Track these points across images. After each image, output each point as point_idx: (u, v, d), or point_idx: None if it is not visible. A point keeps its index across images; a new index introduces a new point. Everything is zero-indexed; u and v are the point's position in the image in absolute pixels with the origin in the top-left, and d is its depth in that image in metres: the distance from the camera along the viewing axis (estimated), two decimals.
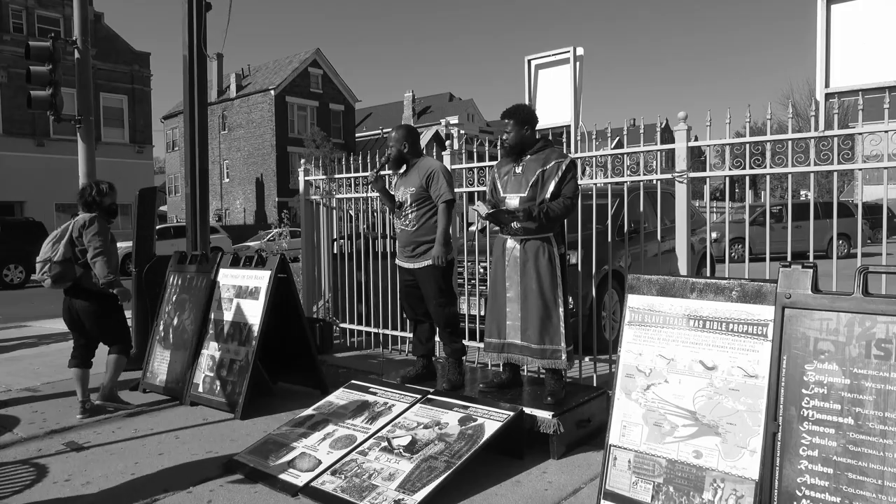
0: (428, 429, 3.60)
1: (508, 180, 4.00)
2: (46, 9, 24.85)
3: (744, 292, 2.80)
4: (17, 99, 21.09)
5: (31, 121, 23.68)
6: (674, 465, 2.77)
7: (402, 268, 4.46)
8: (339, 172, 6.87)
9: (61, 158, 22.12)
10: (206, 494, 3.27)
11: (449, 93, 58.39)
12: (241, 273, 5.03)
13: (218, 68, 43.21)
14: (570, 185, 3.86)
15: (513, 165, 4.01)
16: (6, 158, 22.09)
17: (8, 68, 23.31)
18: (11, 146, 23.57)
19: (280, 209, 35.38)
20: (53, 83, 9.56)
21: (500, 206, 3.96)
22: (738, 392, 2.72)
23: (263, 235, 25.90)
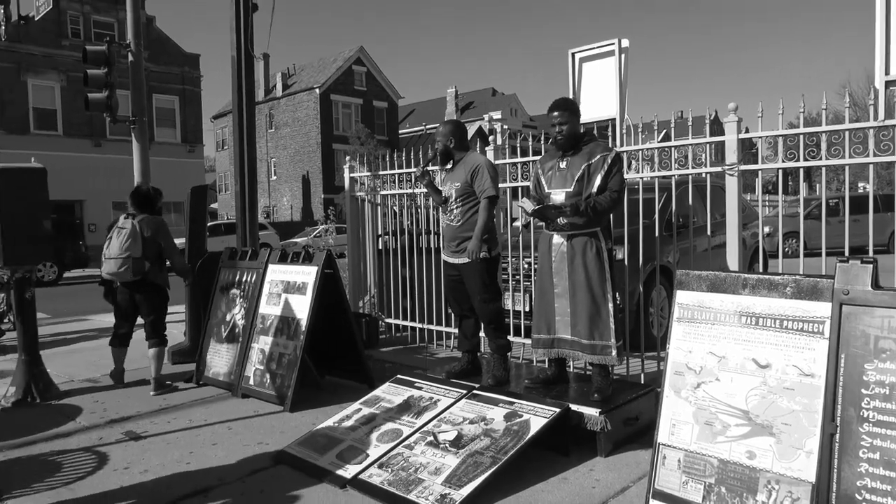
0: (473, 424, 3.61)
1: (552, 176, 3.97)
2: (102, 14, 25.74)
3: (799, 288, 2.72)
4: (76, 102, 21.91)
5: (88, 122, 24.59)
6: (726, 465, 2.72)
7: (448, 263, 4.48)
8: (383, 169, 6.93)
9: (117, 158, 22.90)
10: (258, 485, 3.36)
11: (492, 88, 58.19)
12: (288, 269, 5.13)
13: (264, 68, 44.04)
14: (616, 179, 3.82)
15: (556, 160, 3.98)
16: (66, 159, 22.97)
17: (67, 72, 24.24)
18: (71, 147, 24.53)
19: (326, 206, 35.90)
20: (109, 86, 9.91)
21: (545, 202, 3.93)
22: (793, 391, 2.64)
23: (310, 232, 26.31)
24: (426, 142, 15.25)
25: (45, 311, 9.80)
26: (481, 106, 53.79)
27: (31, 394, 5.02)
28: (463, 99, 55.54)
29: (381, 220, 7.10)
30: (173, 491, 3.30)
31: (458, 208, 4.33)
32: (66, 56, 23.92)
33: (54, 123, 24.77)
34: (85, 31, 25.13)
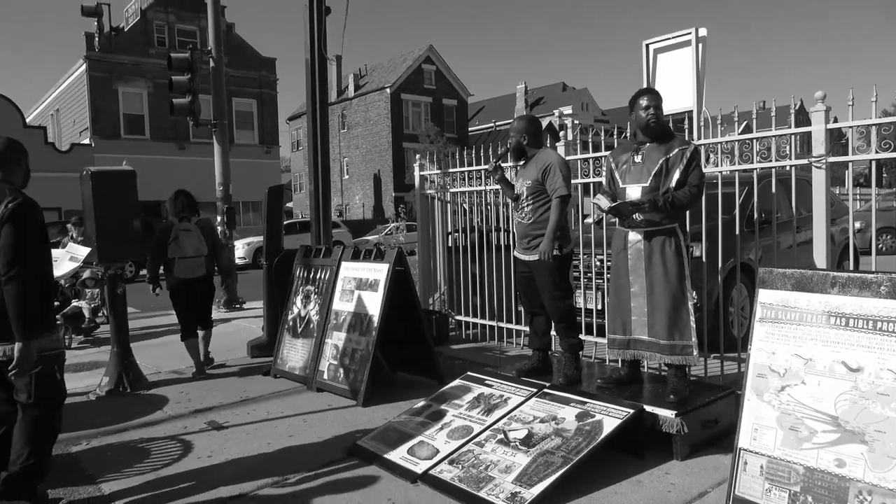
0: (544, 423, 3.58)
1: (627, 170, 3.85)
2: (185, 23, 26.98)
3: (894, 287, 2.55)
4: (162, 107, 23.02)
5: (173, 126, 25.83)
6: (812, 473, 2.58)
7: (519, 260, 4.45)
8: (452, 167, 6.96)
9: (200, 160, 23.96)
10: (331, 477, 3.44)
11: (562, 83, 57.39)
12: (361, 266, 5.23)
13: (337, 70, 45.01)
14: (696, 173, 3.69)
15: (630, 154, 3.86)
16: (153, 162, 24.22)
17: (154, 79, 25.56)
18: (157, 150, 25.86)
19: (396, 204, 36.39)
20: (192, 91, 10.39)
21: (619, 198, 3.83)
22: (887, 397, 2.48)
23: (381, 229, 26.73)
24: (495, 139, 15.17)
25: (135, 305, 10.35)
26: (551, 101, 53.12)
27: (123, 384, 5.32)
28: (533, 95, 55.02)
29: (450, 218, 7.13)
30: (254, 479, 3.42)
31: (529, 206, 4.29)
32: (153, 64, 25.22)
33: (142, 128, 26.18)
34: (169, 39, 26.40)
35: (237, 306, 10.44)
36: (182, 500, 3.21)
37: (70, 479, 3.51)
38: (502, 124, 49.50)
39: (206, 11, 11.12)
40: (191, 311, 5.81)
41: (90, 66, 24.87)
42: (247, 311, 10.01)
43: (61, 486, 3.40)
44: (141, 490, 3.34)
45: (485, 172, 6.49)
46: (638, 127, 3.82)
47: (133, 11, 27.22)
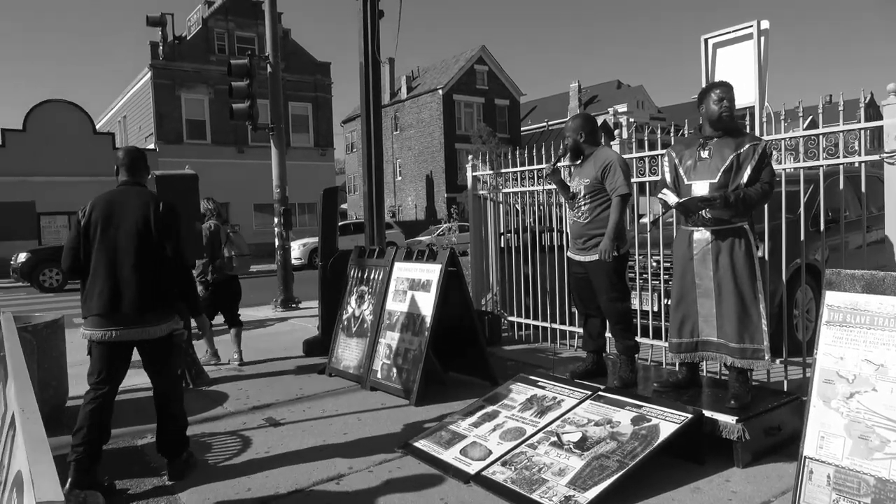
0: (599, 426, 3.53)
1: (693, 166, 3.70)
2: (244, 30, 27.77)
3: None
4: (222, 112, 23.80)
5: (233, 131, 26.63)
6: (884, 484, 2.46)
7: (574, 260, 4.40)
8: (505, 167, 6.93)
9: (258, 164, 24.64)
10: (385, 475, 3.48)
11: (617, 80, 56.50)
12: (414, 266, 5.26)
13: (390, 72, 45.53)
14: (768, 170, 3.55)
15: (696, 149, 3.71)
16: (214, 165, 25.04)
17: (214, 85, 26.40)
18: (218, 154, 26.71)
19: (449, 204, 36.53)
20: (250, 96, 10.69)
21: (684, 194, 3.72)
22: None
23: (434, 230, 26.88)
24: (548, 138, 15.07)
25: None
26: (606, 99, 52.35)
27: (186, 380, 5.51)
28: (586, 93, 54.35)
29: (503, 218, 7.10)
30: (310, 475, 3.49)
31: (586, 205, 4.23)
32: (214, 70, 26.05)
33: (204, 133, 27.07)
34: (229, 46, 27.22)
35: (293, 306, 10.68)
36: (241, 495, 3.30)
37: (136, 470, 3.66)
38: (555, 124, 49.07)
39: (264, 18, 11.41)
40: (224, 309, 6.33)
41: (155, 74, 25.88)
42: (303, 311, 10.23)
43: (128, 477, 3.55)
44: (202, 483, 3.45)
45: (537, 173, 6.45)
46: (709, 119, 3.69)
47: (195, 20, 28.19)
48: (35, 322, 4.66)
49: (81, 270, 3.44)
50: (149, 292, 3.39)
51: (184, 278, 3.61)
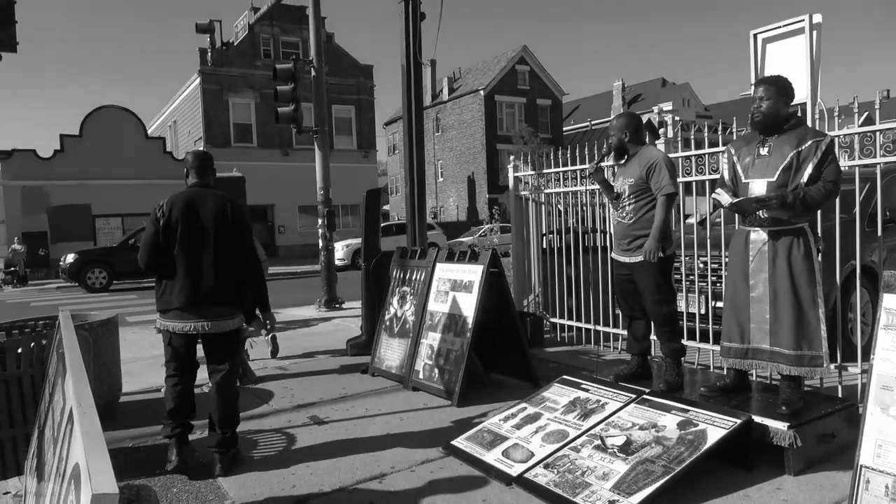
0: (644, 430, 3.47)
1: (751, 163, 3.57)
2: (288, 35, 28.28)
3: None
4: (268, 116, 24.29)
5: (278, 134, 27.17)
6: None
7: (618, 262, 4.33)
8: (547, 167, 6.89)
9: (302, 166, 25.06)
10: (427, 475, 3.49)
11: (661, 78, 55.46)
12: (455, 267, 5.27)
13: (432, 74, 45.67)
14: (831, 168, 3.37)
15: (756, 146, 3.58)
16: (260, 168, 25.58)
17: (260, 90, 26.97)
18: (264, 157, 27.28)
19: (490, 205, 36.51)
20: (295, 100, 10.88)
21: (741, 194, 3.62)
22: None
23: (475, 231, 26.89)
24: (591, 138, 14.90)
25: None
26: (650, 98, 51.47)
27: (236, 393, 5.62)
28: (630, 92, 53.55)
29: (545, 219, 7.06)
30: (353, 474, 3.53)
31: (630, 205, 4.17)
32: (259, 75, 26.61)
33: (250, 136, 27.68)
34: (275, 51, 27.77)
35: (337, 306, 10.81)
36: (286, 491, 3.36)
37: None
38: (598, 123, 48.49)
39: (308, 23, 11.60)
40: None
41: (203, 80, 26.58)
42: (346, 311, 10.35)
43: (178, 472, 3.64)
44: (250, 479, 3.52)
45: (580, 173, 6.38)
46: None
47: (242, 26, 28.84)
48: (91, 320, 4.84)
49: (159, 266, 3.66)
50: (226, 287, 3.66)
51: (256, 274, 3.83)
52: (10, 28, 5.17)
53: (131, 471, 3.67)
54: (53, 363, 2.33)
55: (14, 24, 5.20)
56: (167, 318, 3.65)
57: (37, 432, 2.44)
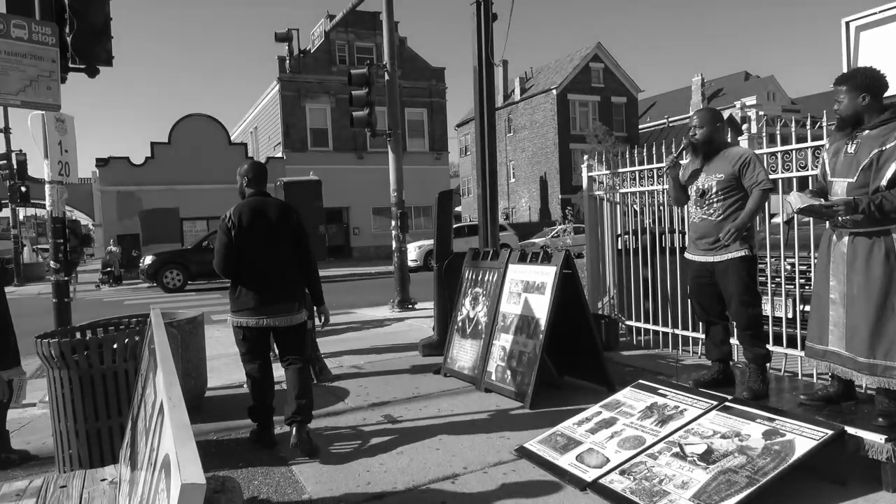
0: (726, 439, 3.33)
1: (837, 161, 3.38)
2: (362, 40, 28.88)
3: None
4: (343, 120, 24.89)
5: (353, 138, 27.79)
6: None
7: (697, 262, 4.17)
8: (622, 166, 6.73)
9: (376, 168, 25.54)
10: (500, 477, 3.48)
11: (744, 72, 53.21)
12: (528, 268, 5.23)
13: (503, 74, 45.57)
14: None
15: (845, 142, 3.36)
16: (335, 171, 26.23)
17: (335, 95, 27.66)
18: (339, 160, 27.96)
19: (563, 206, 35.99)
20: (369, 104, 11.10)
21: (827, 193, 3.43)
22: None
23: (548, 232, 26.59)
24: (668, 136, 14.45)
25: None
26: (732, 92, 49.45)
27: (311, 375, 5.80)
28: (710, 87, 51.63)
29: (620, 219, 6.90)
30: (426, 473, 3.56)
31: (719, 202, 4.00)
32: (335, 81, 27.31)
33: (326, 141, 28.44)
34: (349, 57, 28.42)
35: (410, 306, 10.95)
36: (361, 488, 3.42)
37: (265, 459, 3.89)
38: (675, 120, 47.02)
39: (382, 29, 11.81)
40: None
41: (282, 87, 27.51)
42: (419, 311, 10.46)
43: (258, 465, 3.79)
44: (326, 475, 3.61)
45: (657, 172, 6.20)
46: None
47: (318, 34, 29.58)
48: (179, 318, 5.09)
49: (233, 271, 3.99)
50: (292, 285, 4.09)
51: (314, 272, 4.23)
52: (106, 43, 5.51)
53: (215, 462, 3.83)
54: (145, 358, 2.47)
55: (110, 40, 5.53)
56: (242, 316, 4.00)
57: (130, 423, 2.59)
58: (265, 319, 3.97)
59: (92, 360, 3.45)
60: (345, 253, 28.48)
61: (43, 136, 5.16)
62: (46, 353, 3.42)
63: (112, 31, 5.55)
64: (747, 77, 52.49)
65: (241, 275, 3.98)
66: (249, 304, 3.96)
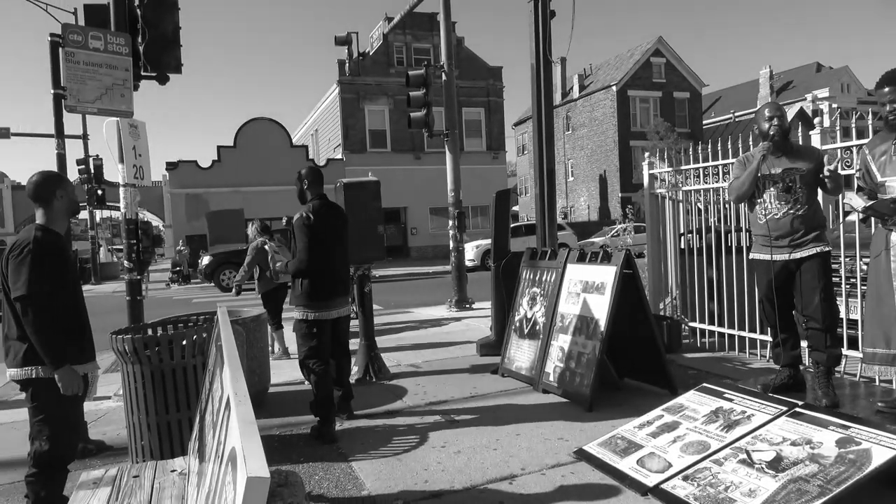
0: (796, 446, 3.19)
1: (887, 161, 3.32)
2: (420, 42, 29.07)
3: None
4: (401, 121, 25.11)
5: (410, 138, 28.02)
6: None
7: (776, 262, 3.98)
8: (685, 163, 6.55)
9: (434, 169, 25.67)
10: (558, 479, 3.44)
11: (816, 63, 50.89)
12: (587, 268, 5.15)
13: (562, 72, 45.01)
14: None
15: (892, 143, 3.31)
16: (394, 172, 26.51)
17: (394, 97, 27.94)
18: (397, 161, 28.24)
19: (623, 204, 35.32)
20: (427, 104, 11.16)
21: (877, 193, 3.29)
22: None
23: (607, 231, 26.13)
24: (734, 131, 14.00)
25: (377, 303, 11.37)
26: (803, 85, 47.38)
27: (369, 373, 5.89)
28: (779, 79, 49.62)
29: (683, 218, 6.71)
30: (484, 473, 3.56)
31: (803, 195, 3.85)
32: (393, 82, 27.58)
33: (384, 142, 28.77)
34: (407, 58, 28.65)
35: (467, 306, 10.96)
36: (419, 486, 3.45)
37: (326, 455, 3.97)
38: (742, 115, 45.41)
39: (439, 30, 11.85)
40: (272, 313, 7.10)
41: (342, 90, 27.98)
42: (476, 311, 10.46)
43: (319, 460, 3.87)
44: (385, 472, 3.66)
45: (722, 168, 5.99)
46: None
47: (377, 36, 30.03)
48: (244, 316, 5.25)
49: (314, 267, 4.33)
50: (348, 279, 4.67)
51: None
52: (176, 52, 5.73)
53: (277, 457, 3.93)
54: (213, 355, 2.56)
55: (179, 48, 5.75)
56: (314, 310, 4.34)
57: (198, 417, 2.69)
58: (336, 311, 4.43)
59: (163, 356, 3.60)
60: (402, 253, 28.74)
61: (118, 141, 5.41)
62: (121, 348, 3.59)
63: (181, 39, 5.77)
64: (819, 68, 50.18)
65: (321, 270, 4.34)
66: (322, 297, 4.33)
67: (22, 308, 2.91)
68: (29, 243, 2.97)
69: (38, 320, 2.91)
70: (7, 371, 3.10)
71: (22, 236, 3.05)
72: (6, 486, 3.82)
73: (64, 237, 3.28)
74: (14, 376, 3.06)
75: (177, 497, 2.48)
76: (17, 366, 3.03)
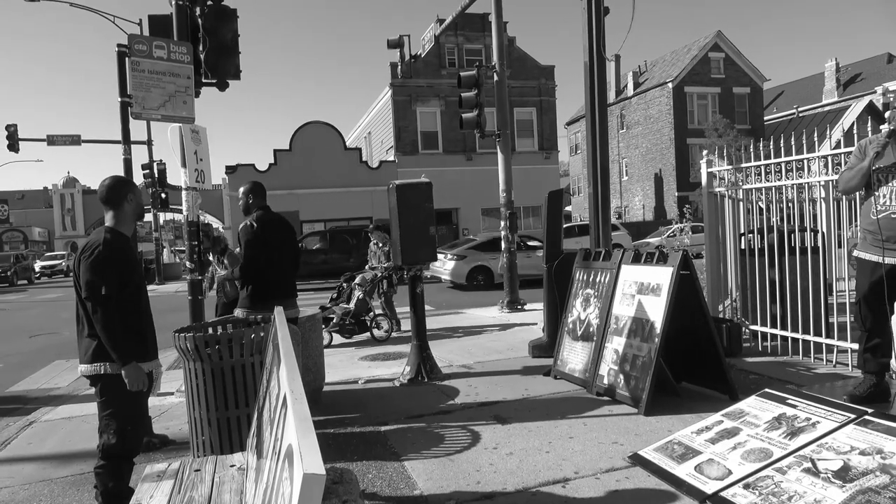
0: (866, 456, 3.05)
1: None
2: (471, 42, 29.08)
3: None
4: (452, 122, 25.21)
5: (462, 139, 28.07)
6: None
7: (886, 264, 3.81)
8: (745, 161, 6.34)
9: (485, 169, 25.63)
10: (613, 484, 3.38)
11: (887, 53, 48.40)
12: (642, 269, 5.05)
13: (616, 69, 44.26)
14: None
15: None
16: (445, 173, 26.62)
17: (445, 98, 28.04)
18: (449, 162, 28.33)
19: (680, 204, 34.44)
20: (478, 105, 11.17)
21: None
22: None
23: (663, 231, 25.57)
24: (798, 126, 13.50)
25: (430, 303, 11.42)
26: (872, 77, 45.15)
27: (422, 374, 5.92)
28: (846, 72, 47.43)
29: (743, 217, 6.50)
30: (536, 476, 3.53)
31: None
32: (444, 84, 27.69)
33: (436, 143, 28.90)
34: (458, 60, 28.71)
35: (519, 307, 10.89)
36: (471, 486, 3.45)
37: (379, 453, 4.01)
38: (805, 110, 43.67)
39: (491, 30, 11.84)
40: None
41: (394, 92, 28.25)
42: (528, 312, 10.39)
43: (372, 459, 3.91)
44: (437, 472, 3.67)
45: (785, 166, 5.77)
46: None
47: (428, 38, 30.11)
48: (300, 316, 5.36)
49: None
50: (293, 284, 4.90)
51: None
52: (235, 59, 5.91)
53: (332, 455, 4.00)
54: (270, 353, 2.62)
55: (238, 55, 5.92)
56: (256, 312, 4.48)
57: (256, 413, 2.76)
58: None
59: (223, 354, 3.71)
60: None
61: (180, 146, 5.60)
62: (183, 346, 3.71)
63: (239, 46, 5.94)
64: (890, 59, 47.71)
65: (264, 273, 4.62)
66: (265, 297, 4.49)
67: (92, 307, 3.05)
68: (99, 245, 3.12)
69: (106, 319, 3.04)
70: (78, 366, 3.27)
71: (92, 238, 3.20)
72: (77, 476, 4.02)
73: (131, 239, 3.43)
74: (84, 371, 3.22)
75: (236, 491, 2.55)
76: (87, 362, 3.18)
